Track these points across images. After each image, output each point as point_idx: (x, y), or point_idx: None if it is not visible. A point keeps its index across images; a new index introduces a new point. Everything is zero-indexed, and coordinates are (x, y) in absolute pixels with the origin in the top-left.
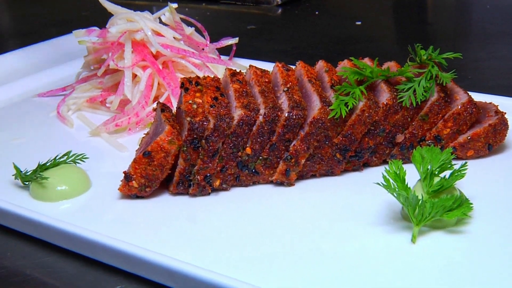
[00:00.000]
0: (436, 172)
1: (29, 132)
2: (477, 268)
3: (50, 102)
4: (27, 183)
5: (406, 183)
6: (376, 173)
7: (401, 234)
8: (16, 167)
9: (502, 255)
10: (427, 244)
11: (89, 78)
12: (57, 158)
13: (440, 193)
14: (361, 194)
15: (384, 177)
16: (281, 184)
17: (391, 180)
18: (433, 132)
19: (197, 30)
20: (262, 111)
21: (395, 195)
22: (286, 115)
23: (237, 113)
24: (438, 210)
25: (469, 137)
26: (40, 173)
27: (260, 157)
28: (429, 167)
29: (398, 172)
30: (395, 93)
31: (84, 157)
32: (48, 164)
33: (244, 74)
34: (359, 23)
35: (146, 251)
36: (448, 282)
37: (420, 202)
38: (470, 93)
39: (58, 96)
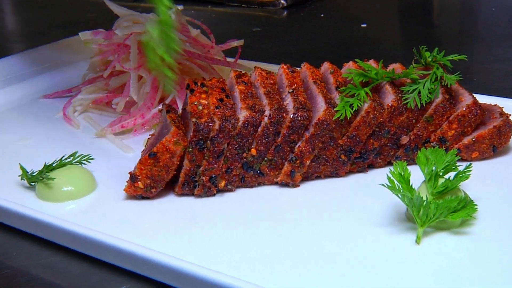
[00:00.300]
0: (441, 174)
1: (35, 133)
2: (481, 269)
3: (56, 103)
4: (33, 183)
5: (410, 184)
6: (380, 175)
7: (406, 235)
8: (22, 168)
9: (507, 256)
10: (431, 245)
11: (95, 79)
12: (63, 159)
13: (445, 194)
14: (365, 195)
15: (388, 178)
16: (286, 185)
17: (395, 181)
18: (438, 133)
19: (203, 32)
20: (267, 112)
21: (400, 196)
22: (291, 117)
23: (242, 114)
24: (443, 211)
25: (473, 139)
26: (46, 173)
27: (265, 158)
28: (433, 168)
29: (402, 174)
30: (400, 95)
31: (90, 158)
32: (54, 165)
33: (250, 75)
34: (364, 25)
35: (151, 251)
36: (452, 283)
37: (424, 203)
38: (475, 95)
39: (64, 97)
